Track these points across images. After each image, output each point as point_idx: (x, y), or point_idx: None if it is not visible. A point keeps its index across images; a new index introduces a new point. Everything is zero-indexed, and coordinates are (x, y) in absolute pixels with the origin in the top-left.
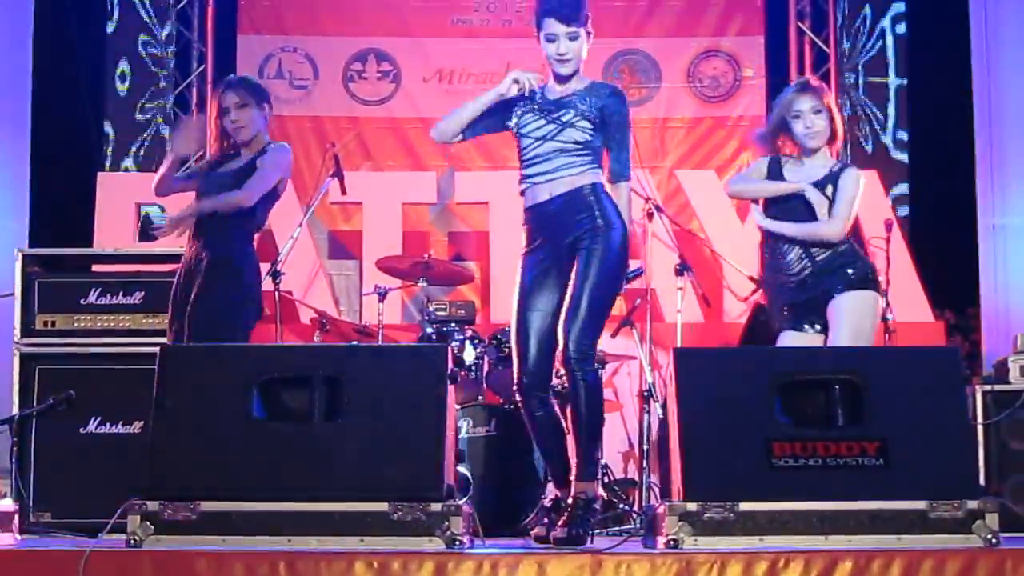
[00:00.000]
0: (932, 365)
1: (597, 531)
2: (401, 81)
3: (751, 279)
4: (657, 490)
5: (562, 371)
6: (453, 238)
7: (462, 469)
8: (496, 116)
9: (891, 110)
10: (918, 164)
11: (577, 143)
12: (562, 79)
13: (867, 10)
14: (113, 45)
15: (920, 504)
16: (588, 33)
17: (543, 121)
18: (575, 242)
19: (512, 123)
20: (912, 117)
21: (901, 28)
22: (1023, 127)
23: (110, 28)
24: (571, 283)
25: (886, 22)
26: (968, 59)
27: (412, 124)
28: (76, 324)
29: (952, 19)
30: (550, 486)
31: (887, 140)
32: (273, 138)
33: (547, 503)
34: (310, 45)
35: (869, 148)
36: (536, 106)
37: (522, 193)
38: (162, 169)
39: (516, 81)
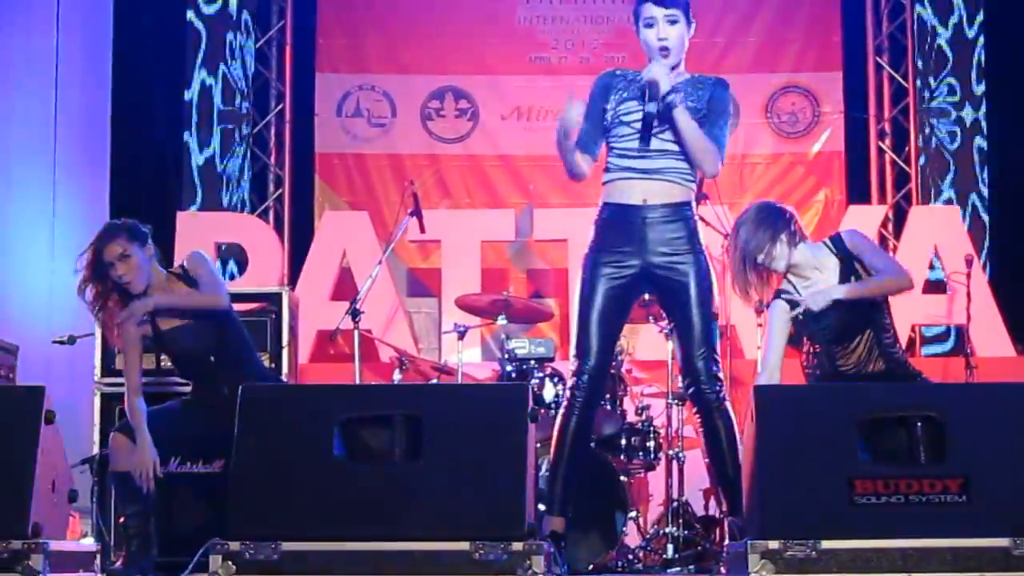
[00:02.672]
0: (1015, 401)
1: (678, 569)
2: (479, 118)
3: None
4: (737, 528)
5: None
6: (532, 275)
7: (543, 508)
8: (594, 120)
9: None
10: (997, 197)
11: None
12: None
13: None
14: (191, 84)
15: (1003, 541)
16: (689, 22)
17: (640, 107)
18: (667, 261)
19: (609, 108)
20: (991, 151)
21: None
22: None
23: (188, 62)
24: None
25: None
26: None
27: (490, 162)
28: (156, 363)
29: None
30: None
31: None
32: (353, 178)
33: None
34: (388, 83)
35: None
36: (640, 93)
37: (605, 183)
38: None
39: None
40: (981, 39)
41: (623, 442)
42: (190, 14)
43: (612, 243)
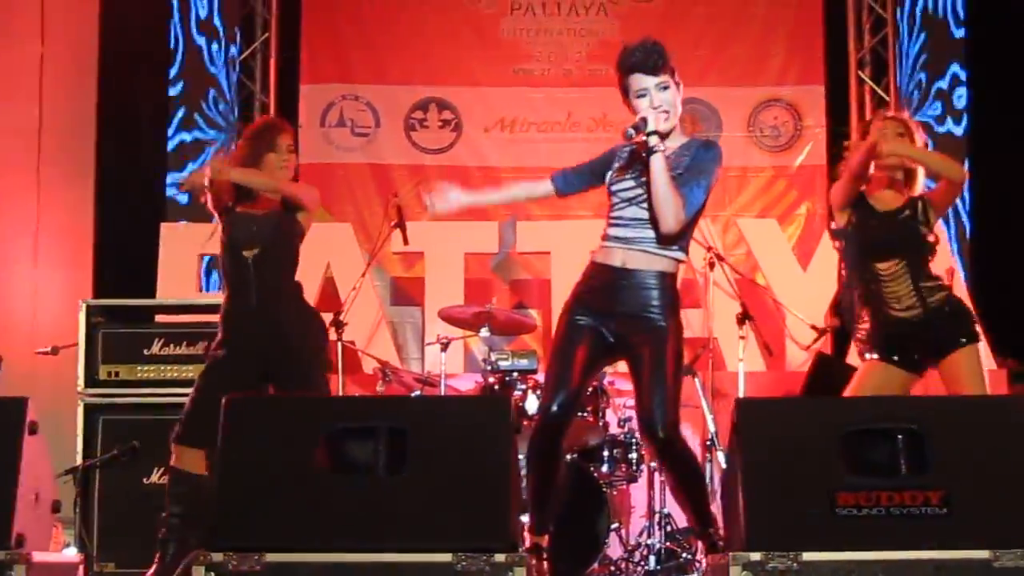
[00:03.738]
0: (996, 414)
1: None
2: (463, 130)
3: (813, 328)
4: (720, 540)
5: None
6: (515, 286)
7: (525, 519)
8: (599, 172)
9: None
10: (979, 211)
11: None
12: (661, 136)
13: (921, 75)
14: (176, 95)
15: (984, 554)
16: (677, 84)
17: (632, 183)
18: (632, 325)
19: (607, 177)
20: (974, 164)
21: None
22: None
23: (173, 72)
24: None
25: (943, 83)
26: None
27: (474, 173)
28: (140, 375)
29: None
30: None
31: None
32: (336, 188)
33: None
34: (372, 93)
35: None
36: (629, 165)
37: (601, 245)
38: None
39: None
40: (963, 53)
41: (605, 454)
42: (175, 26)
43: (586, 293)
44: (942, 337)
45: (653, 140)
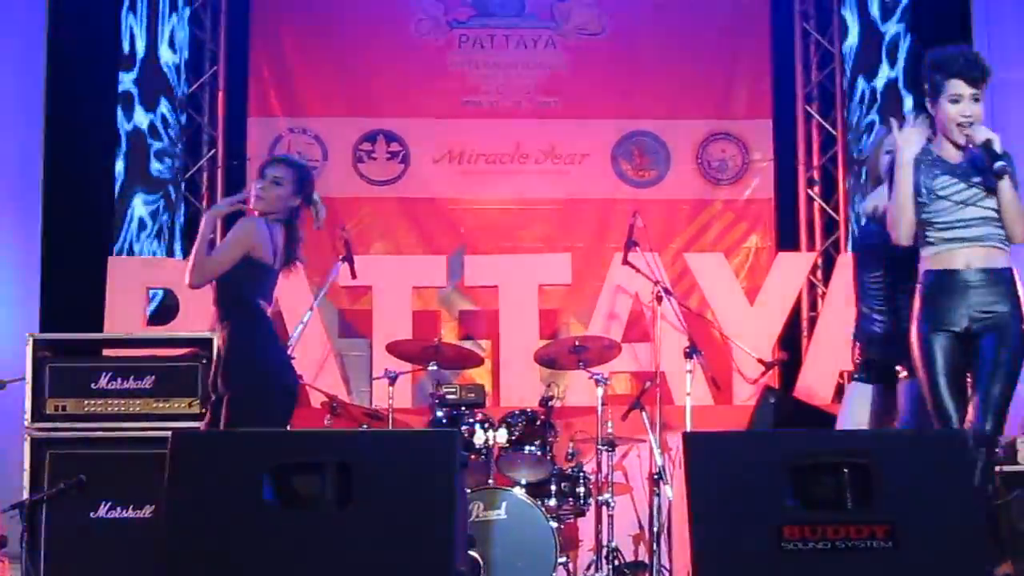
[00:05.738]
0: (941, 447)
1: None
2: (411, 161)
3: (760, 361)
4: (668, 573)
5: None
6: (463, 317)
7: (473, 553)
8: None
9: None
10: None
11: (996, 211)
12: (960, 145)
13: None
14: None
15: None
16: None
17: (963, 185)
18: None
19: (920, 187)
20: None
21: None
22: None
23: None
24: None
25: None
26: None
27: (422, 205)
28: (87, 409)
29: None
30: None
31: None
32: None
33: None
34: (319, 126)
35: None
36: (946, 168)
37: (922, 252)
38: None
39: None
40: (907, 91)
41: (553, 488)
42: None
43: (934, 304)
44: None
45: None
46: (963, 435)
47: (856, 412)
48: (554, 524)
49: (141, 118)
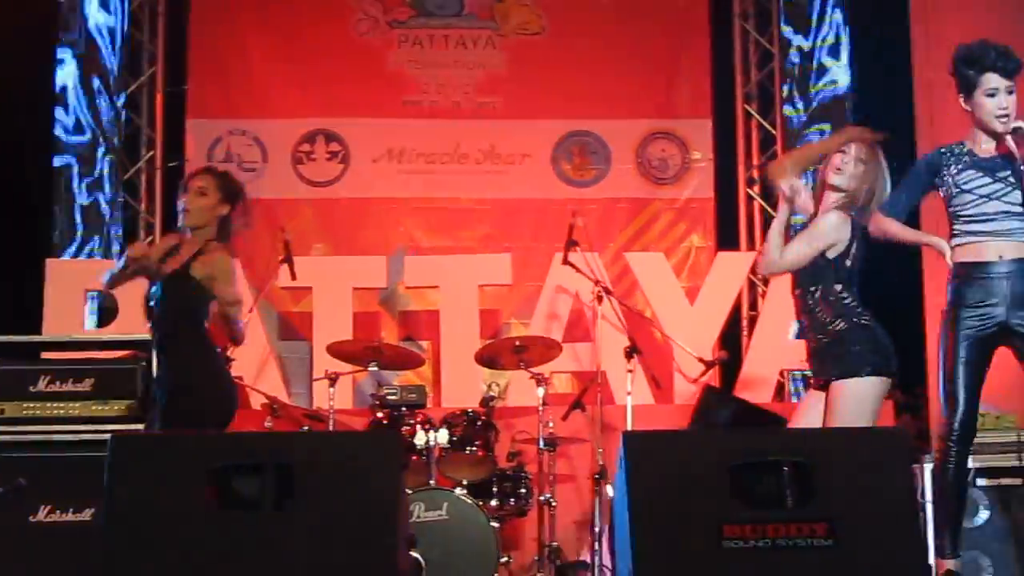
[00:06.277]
0: (880, 445)
1: None
2: (350, 162)
3: (701, 360)
4: (610, 572)
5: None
6: (403, 317)
7: (414, 554)
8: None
9: None
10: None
11: (1020, 205)
12: (996, 136)
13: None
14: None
15: None
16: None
17: (988, 179)
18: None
19: (946, 181)
20: None
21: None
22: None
23: (59, 113)
24: None
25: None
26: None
27: (362, 205)
28: (25, 412)
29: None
30: None
31: None
32: None
33: None
34: (258, 127)
35: None
36: (973, 162)
37: (954, 247)
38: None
39: None
40: (849, 89)
41: (495, 488)
42: (60, 54)
43: (969, 298)
44: None
45: None
46: (901, 432)
47: (812, 421)
48: (496, 524)
49: (81, 114)
